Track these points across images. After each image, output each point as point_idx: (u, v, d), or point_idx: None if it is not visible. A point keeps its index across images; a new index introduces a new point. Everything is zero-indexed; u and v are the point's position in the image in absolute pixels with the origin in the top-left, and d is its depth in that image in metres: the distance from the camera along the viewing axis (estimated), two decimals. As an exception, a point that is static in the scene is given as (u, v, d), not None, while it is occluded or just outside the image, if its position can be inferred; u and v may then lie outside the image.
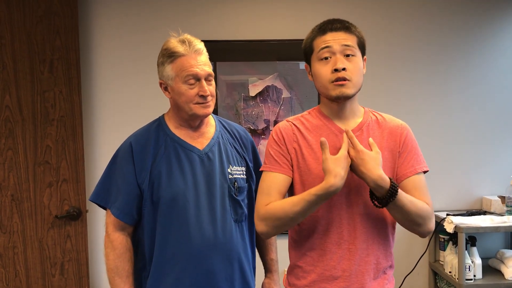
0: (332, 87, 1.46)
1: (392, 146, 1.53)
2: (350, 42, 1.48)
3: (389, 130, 1.54)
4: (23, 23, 2.58)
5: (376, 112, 1.60)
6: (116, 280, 1.64)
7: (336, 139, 1.50)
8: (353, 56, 1.47)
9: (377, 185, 1.38)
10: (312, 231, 1.52)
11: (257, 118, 2.88)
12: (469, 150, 2.99)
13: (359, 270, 1.48)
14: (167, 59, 1.64)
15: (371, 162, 1.39)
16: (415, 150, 1.54)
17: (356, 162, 1.40)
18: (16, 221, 2.61)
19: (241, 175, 1.74)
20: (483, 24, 2.96)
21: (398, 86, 2.94)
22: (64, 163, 2.62)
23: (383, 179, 1.38)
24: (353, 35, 1.50)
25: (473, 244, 2.70)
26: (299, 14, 2.90)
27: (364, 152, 1.40)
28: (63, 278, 2.64)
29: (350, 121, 1.53)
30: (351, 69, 1.46)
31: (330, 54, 1.47)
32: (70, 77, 2.62)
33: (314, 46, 1.52)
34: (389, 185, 1.38)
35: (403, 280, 2.68)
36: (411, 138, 1.55)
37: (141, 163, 1.65)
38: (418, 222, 1.46)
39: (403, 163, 1.51)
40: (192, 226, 1.62)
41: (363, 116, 1.56)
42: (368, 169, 1.38)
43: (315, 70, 1.51)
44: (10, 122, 2.59)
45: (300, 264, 1.55)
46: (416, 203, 1.45)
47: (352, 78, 1.46)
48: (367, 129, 1.53)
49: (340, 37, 1.47)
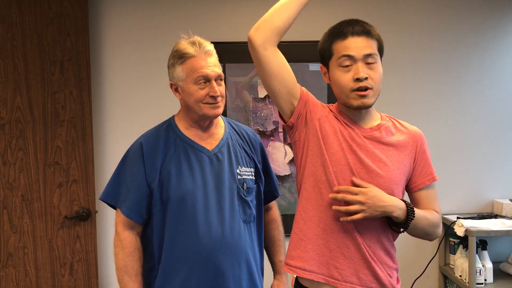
0: (353, 97, 1.45)
1: (410, 150, 1.54)
2: (372, 49, 1.45)
3: (408, 135, 1.55)
4: (34, 24, 2.61)
5: (393, 117, 1.61)
6: (125, 279, 1.65)
7: (353, 132, 1.51)
8: (375, 64, 1.46)
9: (398, 210, 1.43)
10: (314, 234, 1.51)
11: (266, 120, 2.88)
12: (480, 153, 2.96)
13: (360, 269, 1.48)
14: (178, 60, 1.65)
15: (382, 194, 1.42)
16: (429, 159, 1.57)
17: (370, 201, 1.40)
18: (27, 221, 2.62)
19: (250, 176, 1.74)
20: (495, 25, 2.94)
21: (408, 88, 2.93)
22: (74, 164, 2.64)
23: (400, 203, 1.44)
24: (374, 40, 1.47)
25: (484, 248, 2.67)
26: (309, 16, 2.89)
27: (370, 189, 1.41)
28: (73, 279, 2.65)
29: (368, 123, 1.54)
30: (373, 77, 1.45)
31: (351, 62, 1.45)
32: (80, 78, 2.64)
33: (333, 50, 1.48)
34: (406, 207, 1.44)
35: (412, 283, 2.66)
36: (426, 146, 1.58)
37: (151, 163, 1.66)
38: (429, 233, 1.54)
39: (421, 172, 1.54)
40: (201, 226, 1.63)
41: (380, 119, 1.57)
42: (386, 200, 1.42)
43: (335, 76, 1.49)
44: (21, 122, 2.61)
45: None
46: (428, 217, 1.51)
47: (374, 86, 1.46)
48: (386, 130, 1.54)
49: (361, 44, 1.44)
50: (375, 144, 1.50)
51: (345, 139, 1.49)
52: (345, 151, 1.47)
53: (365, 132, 1.51)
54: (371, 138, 1.51)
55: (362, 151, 1.48)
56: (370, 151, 1.49)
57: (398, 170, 1.49)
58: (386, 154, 1.49)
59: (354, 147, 1.48)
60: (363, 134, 1.51)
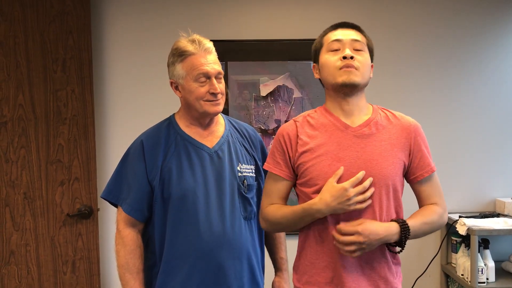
0: (339, 74, 1.47)
1: (403, 143, 1.52)
2: (360, 38, 1.52)
3: (401, 127, 1.54)
4: (37, 22, 2.61)
5: (386, 109, 1.60)
6: (127, 276, 1.65)
7: (342, 134, 1.50)
8: (362, 51, 1.50)
9: (395, 233, 1.44)
10: None
11: (268, 118, 2.88)
12: (483, 152, 2.95)
13: (360, 264, 1.49)
14: (178, 58, 1.66)
15: (375, 225, 1.42)
16: (427, 149, 1.56)
17: (368, 239, 1.40)
18: (29, 219, 2.63)
19: (250, 173, 1.75)
20: (496, 24, 2.93)
21: (409, 87, 2.92)
22: (76, 162, 2.64)
23: (392, 225, 1.44)
24: (363, 35, 1.55)
25: (486, 247, 2.66)
26: (311, 14, 2.89)
27: (364, 226, 1.41)
28: (75, 276, 2.66)
29: (356, 118, 1.53)
30: (360, 60, 1.48)
31: (339, 46, 1.50)
32: (82, 76, 2.64)
33: (324, 41, 1.55)
34: (399, 229, 1.44)
35: (414, 282, 2.66)
36: (423, 137, 1.56)
37: (152, 161, 1.67)
38: (433, 231, 1.57)
39: (418, 164, 1.53)
40: (202, 223, 1.63)
41: (371, 113, 1.55)
42: (380, 232, 1.42)
43: (323, 60, 1.53)
44: (23, 120, 2.62)
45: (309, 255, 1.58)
46: (427, 220, 1.51)
47: (360, 68, 1.47)
48: (375, 125, 1.52)
49: (350, 33, 1.51)
50: (365, 142, 1.49)
51: (330, 150, 1.49)
52: (331, 164, 1.48)
53: (354, 131, 1.50)
54: (361, 136, 1.50)
55: (352, 152, 1.48)
56: (360, 151, 1.48)
57: (392, 165, 1.48)
58: (378, 150, 1.48)
59: (341, 155, 1.48)
60: (353, 133, 1.50)
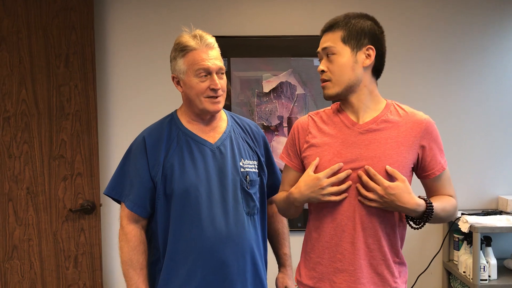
0: (323, 89, 1.56)
1: (412, 141, 1.51)
2: (328, 43, 1.52)
3: (411, 124, 1.53)
4: (40, 18, 2.61)
5: (399, 105, 1.59)
6: (130, 272, 1.66)
7: (348, 131, 1.54)
8: (333, 55, 1.51)
9: (416, 212, 1.45)
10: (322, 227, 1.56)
11: (270, 115, 2.87)
12: (485, 149, 2.94)
13: (364, 264, 1.49)
14: (179, 53, 1.66)
15: (404, 194, 1.43)
16: (440, 146, 1.56)
17: (388, 198, 1.43)
18: (31, 214, 2.64)
19: (253, 168, 1.75)
20: (500, 21, 2.91)
21: (413, 84, 2.91)
22: (78, 157, 2.65)
23: (420, 205, 1.45)
24: (338, 31, 1.51)
25: (488, 244, 2.66)
26: (313, 10, 2.89)
27: (393, 187, 1.42)
28: (77, 271, 2.67)
29: (364, 114, 1.55)
30: (331, 68, 1.52)
31: (320, 57, 1.57)
32: (85, 71, 2.64)
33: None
34: (426, 207, 1.46)
35: (416, 279, 2.66)
36: (435, 134, 1.56)
37: (154, 157, 1.67)
38: (447, 220, 1.62)
39: (430, 161, 1.54)
40: (205, 219, 1.63)
41: (382, 110, 1.55)
42: (405, 202, 1.43)
43: None
44: (26, 115, 2.62)
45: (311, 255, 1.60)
46: (446, 207, 1.54)
47: (332, 78, 1.52)
48: (384, 122, 1.53)
49: (323, 40, 1.55)
50: (370, 139, 1.50)
51: (334, 145, 1.54)
52: (331, 160, 1.52)
53: (360, 128, 1.52)
54: (366, 133, 1.51)
55: (355, 149, 1.50)
56: (363, 149, 1.49)
57: (395, 163, 1.48)
58: (382, 148, 1.48)
59: (343, 151, 1.51)
60: (359, 130, 1.52)
